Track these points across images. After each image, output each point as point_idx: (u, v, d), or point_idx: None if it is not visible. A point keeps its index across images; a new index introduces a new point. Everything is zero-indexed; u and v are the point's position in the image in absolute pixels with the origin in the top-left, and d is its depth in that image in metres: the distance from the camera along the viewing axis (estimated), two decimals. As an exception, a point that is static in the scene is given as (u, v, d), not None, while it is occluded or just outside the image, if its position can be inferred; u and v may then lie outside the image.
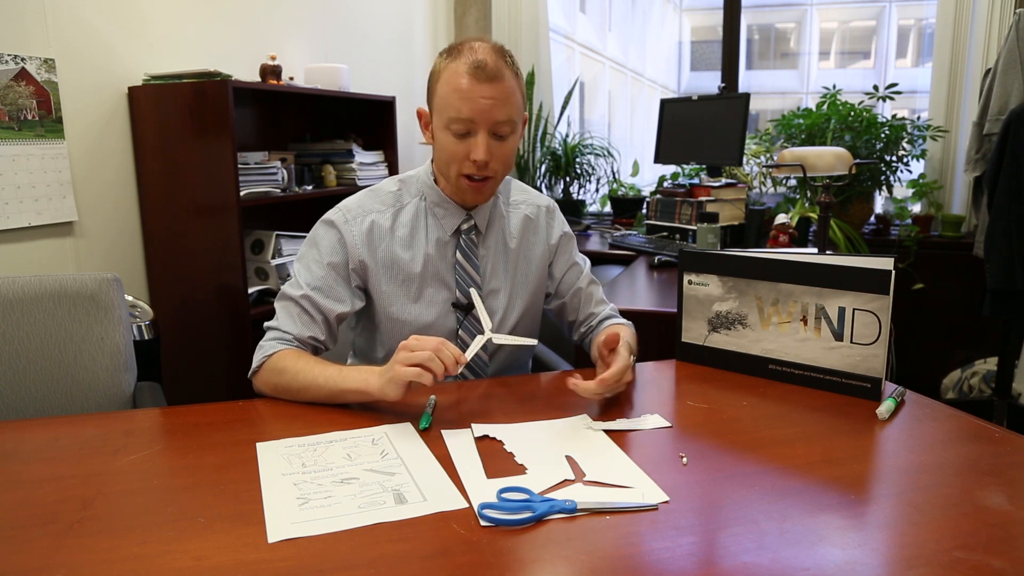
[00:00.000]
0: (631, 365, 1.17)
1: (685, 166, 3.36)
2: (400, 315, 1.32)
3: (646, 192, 3.75)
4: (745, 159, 3.19)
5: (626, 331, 1.37)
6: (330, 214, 1.33)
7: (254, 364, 1.24)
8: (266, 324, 1.29)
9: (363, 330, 1.41)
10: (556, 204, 1.50)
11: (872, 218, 3.32)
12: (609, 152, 3.80)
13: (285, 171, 2.49)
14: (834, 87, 3.22)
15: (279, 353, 1.22)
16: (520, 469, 0.94)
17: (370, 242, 1.31)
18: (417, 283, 1.32)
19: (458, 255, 1.34)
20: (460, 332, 1.34)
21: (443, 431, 1.06)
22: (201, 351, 2.32)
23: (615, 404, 1.17)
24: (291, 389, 1.18)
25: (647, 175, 3.91)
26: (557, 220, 1.47)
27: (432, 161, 1.35)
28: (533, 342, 1.24)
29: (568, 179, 3.77)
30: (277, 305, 1.29)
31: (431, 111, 1.28)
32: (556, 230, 1.46)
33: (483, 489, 0.89)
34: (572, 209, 3.67)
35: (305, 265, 1.30)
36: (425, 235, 1.33)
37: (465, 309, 1.34)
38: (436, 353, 1.05)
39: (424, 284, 1.32)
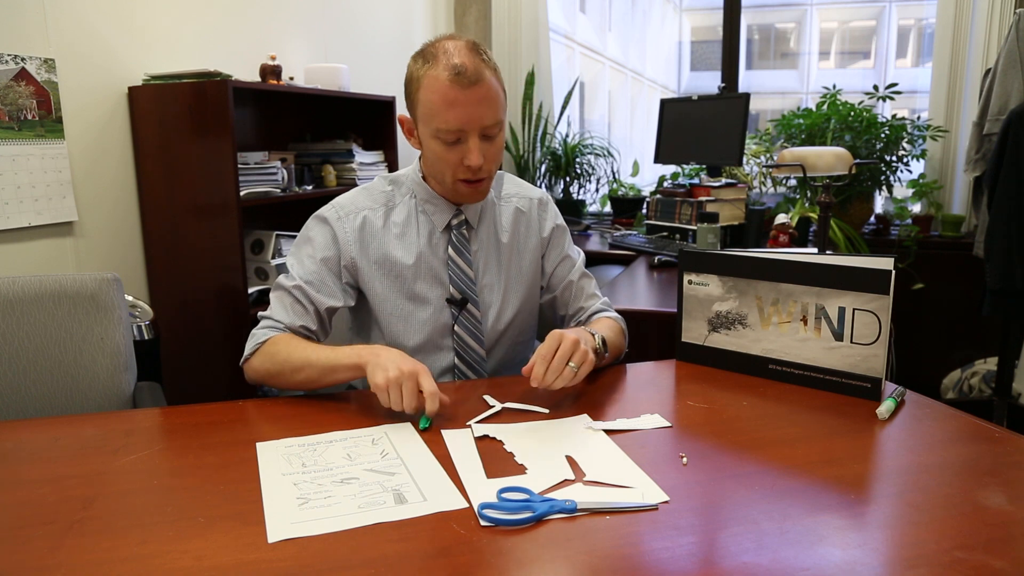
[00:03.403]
0: (580, 349, 1.12)
1: (685, 166, 3.36)
2: (395, 312, 1.33)
3: (646, 192, 3.75)
4: (745, 159, 3.19)
5: (609, 323, 1.37)
6: (323, 210, 1.34)
7: (246, 352, 1.26)
8: (260, 314, 1.31)
9: (359, 328, 1.42)
10: (549, 196, 1.49)
11: (872, 218, 3.32)
12: (609, 152, 3.80)
13: (285, 171, 2.49)
14: (834, 87, 3.22)
15: (272, 339, 1.24)
16: (520, 469, 0.94)
17: (362, 239, 1.32)
18: (410, 280, 1.33)
19: (450, 251, 1.34)
20: (456, 327, 1.34)
21: (443, 431, 1.06)
22: (201, 351, 2.32)
23: (615, 404, 1.17)
24: (284, 371, 1.19)
25: (647, 175, 3.91)
26: (550, 212, 1.46)
27: (420, 159, 1.36)
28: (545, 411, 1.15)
29: (568, 179, 3.77)
30: (271, 296, 1.31)
31: (414, 118, 1.26)
32: (548, 222, 1.45)
33: (483, 489, 0.89)
34: (572, 209, 3.67)
35: (298, 259, 1.32)
36: (417, 232, 1.34)
37: (459, 305, 1.34)
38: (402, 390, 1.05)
39: (417, 281, 1.33)
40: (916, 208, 3.31)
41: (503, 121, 1.25)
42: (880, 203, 3.35)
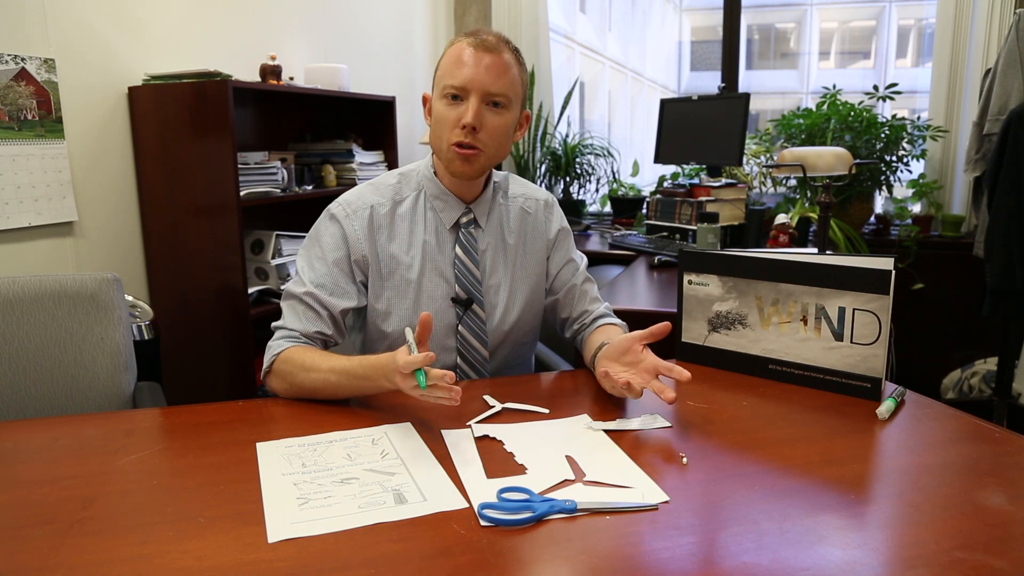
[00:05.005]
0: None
1: (685, 166, 3.36)
2: (399, 310, 1.32)
3: (646, 192, 3.75)
4: (745, 159, 3.19)
5: (617, 333, 1.36)
6: (332, 208, 1.33)
7: (264, 365, 1.24)
8: (273, 324, 1.29)
9: (363, 324, 1.41)
10: (555, 199, 1.49)
11: (872, 218, 3.32)
12: (609, 152, 3.80)
13: (285, 171, 2.49)
14: (834, 87, 3.22)
15: (287, 351, 1.22)
16: (520, 469, 0.94)
17: (371, 235, 1.31)
18: (416, 277, 1.32)
19: (457, 249, 1.34)
20: (460, 327, 1.34)
21: (443, 431, 1.06)
22: (201, 351, 2.32)
23: (615, 404, 1.17)
24: (304, 388, 1.18)
25: (647, 175, 3.91)
26: (555, 215, 1.47)
27: (432, 154, 1.35)
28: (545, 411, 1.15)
29: (568, 179, 3.77)
30: (283, 304, 1.30)
31: (433, 90, 1.30)
32: (554, 225, 1.45)
33: (483, 489, 0.89)
34: (572, 209, 3.67)
35: (308, 262, 1.30)
36: (424, 228, 1.33)
37: (464, 304, 1.34)
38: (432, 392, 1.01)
39: (423, 278, 1.32)
40: (916, 208, 3.31)
41: (511, 99, 1.25)
42: (880, 203, 3.35)
